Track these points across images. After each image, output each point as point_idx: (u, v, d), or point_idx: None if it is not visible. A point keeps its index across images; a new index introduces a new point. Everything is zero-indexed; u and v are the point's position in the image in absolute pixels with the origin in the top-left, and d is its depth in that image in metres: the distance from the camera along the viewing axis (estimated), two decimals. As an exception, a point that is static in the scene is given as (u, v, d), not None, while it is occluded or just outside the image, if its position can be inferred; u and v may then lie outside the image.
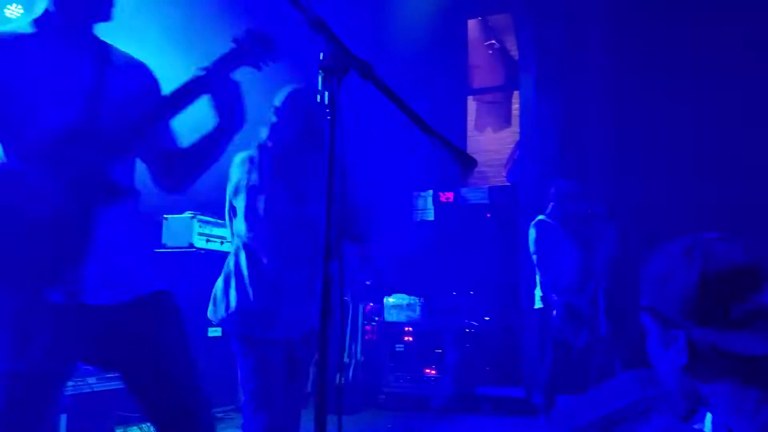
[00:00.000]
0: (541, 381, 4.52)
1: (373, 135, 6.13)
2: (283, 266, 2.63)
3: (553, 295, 4.43)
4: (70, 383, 3.85)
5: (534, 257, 4.57)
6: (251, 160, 2.64)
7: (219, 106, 1.90)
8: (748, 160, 4.98)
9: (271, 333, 2.61)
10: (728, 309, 1.01)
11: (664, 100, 5.35)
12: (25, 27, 1.85)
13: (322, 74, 1.27)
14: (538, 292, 4.62)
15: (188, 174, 1.99)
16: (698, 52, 5.20)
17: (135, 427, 4.24)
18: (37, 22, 1.85)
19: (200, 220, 5.43)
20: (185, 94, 1.82)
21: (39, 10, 1.86)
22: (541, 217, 4.68)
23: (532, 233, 4.61)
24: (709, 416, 1.15)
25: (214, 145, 1.95)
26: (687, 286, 1.04)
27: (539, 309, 4.62)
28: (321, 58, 1.26)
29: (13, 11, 5.49)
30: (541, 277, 4.56)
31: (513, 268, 6.01)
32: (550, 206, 4.69)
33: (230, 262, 2.71)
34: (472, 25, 7.69)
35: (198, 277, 5.29)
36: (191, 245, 5.30)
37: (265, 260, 2.62)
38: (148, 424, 4.37)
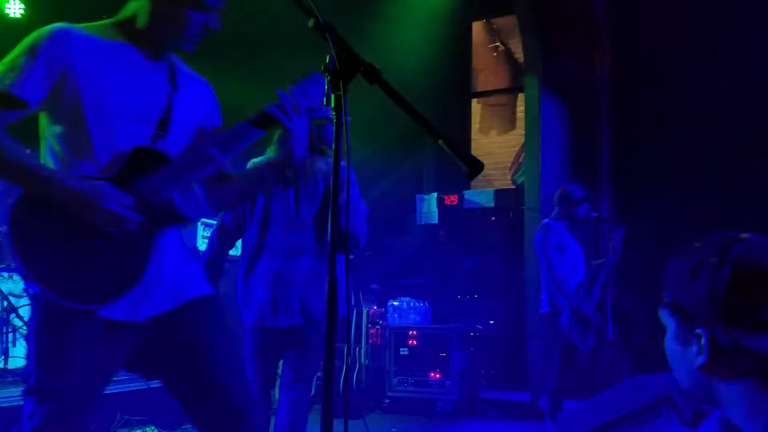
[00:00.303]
0: (547, 385, 4.50)
1: (378, 137, 6.12)
2: (289, 261, 2.89)
3: (560, 298, 4.40)
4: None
5: (540, 261, 4.55)
6: None
7: (284, 143, 1.93)
8: (757, 161, 4.95)
9: (274, 322, 2.88)
10: (759, 310, 0.99)
11: (669, 101, 5.33)
12: (105, 30, 1.82)
13: (329, 77, 1.26)
14: (544, 296, 4.60)
15: (238, 198, 2.08)
16: (704, 53, 5.18)
17: (138, 430, 4.23)
18: (119, 28, 1.82)
19: (204, 223, 5.43)
20: (248, 134, 1.84)
21: (124, 14, 1.83)
22: (546, 220, 4.67)
23: (537, 237, 4.59)
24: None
25: (270, 174, 2.07)
26: (718, 283, 1.01)
27: (545, 313, 4.60)
28: (327, 61, 1.26)
29: (14, 8, 5.52)
30: (546, 280, 4.54)
31: (518, 272, 5.99)
32: (555, 210, 4.67)
33: (243, 261, 2.99)
34: (477, 27, 7.68)
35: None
36: (195, 248, 5.30)
37: (275, 257, 2.88)
38: (152, 426, 4.38)
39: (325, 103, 1.28)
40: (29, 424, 1.68)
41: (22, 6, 5.55)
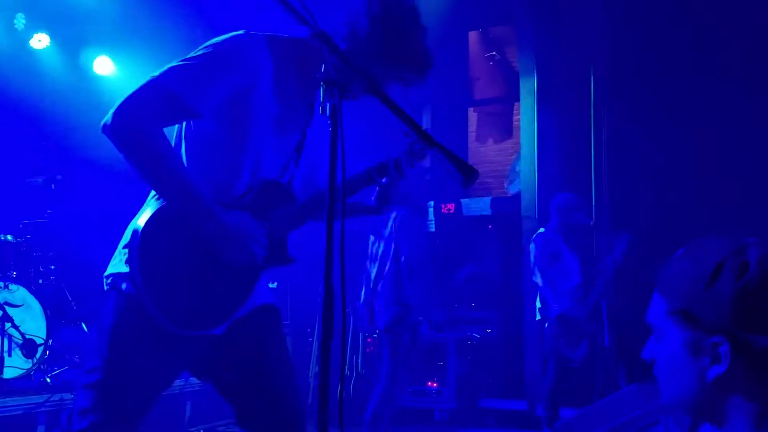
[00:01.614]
0: (543, 393, 4.49)
1: (374, 146, 6.12)
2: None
3: (550, 307, 4.41)
4: (69, 396, 3.84)
5: (535, 269, 4.56)
6: None
7: (383, 195, 1.96)
8: (751, 169, 4.95)
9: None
10: None
11: (665, 110, 5.35)
12: (290, 45, 1.73)
13: (324, 86, 1.26)
14: (538, 305, 4.61)
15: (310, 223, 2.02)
16: (698, 61, 5.20)
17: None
18: (305, 48, 1.72)
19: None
20: (364, 185, 1.87)
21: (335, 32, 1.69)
22: (541, 230, 4.68)
23: (532, 247, 4.60)
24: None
25: (350, 214, 2.01)
26: (746, 287, 0.95)
27: (539, 321, 4.61)
28: (323, 70, 1.26)
29: (41, 41, 5.54)
30: (540, 290, 4.54)
31: (515, 280, 5.98)
32: (551, 219, 4.68)
33: None
34: (473, 36, 7.71)
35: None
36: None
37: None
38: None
39: (321, 112, 1.28)
40: (84, 420, 1.63)
41: (48, 38, 5.58)
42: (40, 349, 4.32)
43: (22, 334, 4.25)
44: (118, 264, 1.71)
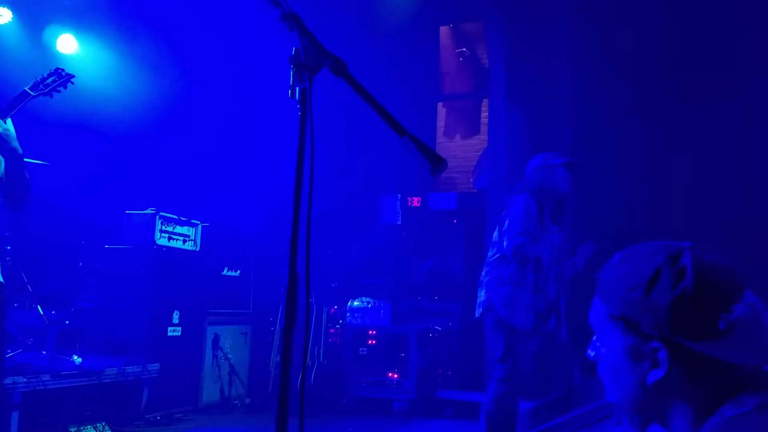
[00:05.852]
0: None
1: (343, 137, 6.12)
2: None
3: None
4: (23, 379, 3.76)
5: None
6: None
7: None
8: (717, 172, 5.04)
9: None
10: (717, 318, 0.97)
11: (634, 110, 5.43)
12: None
13: (294, 69, 1.25)
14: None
15: (12, 197, 2.53)
16: (665, 61, 5.29)
17: (89, 426, 4.14)
18: None
19: (162, 217, 5.33)
20: None
21: None
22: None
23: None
24: None
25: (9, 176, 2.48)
26: (682, 294, 0.97)
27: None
28: (293, 52, 1.25)
29: (3, 16, 5.39)
30: None
31: (478, 274, 6.04)
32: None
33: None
34: (444, 31, 7.74)
35: (159, 275, 5.20)
36: (153, 242, 5.21)
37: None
38: (103, 422, 4.29)
39: (290, 96, 1.27)
40: None
41: (11, 13, 5.48)
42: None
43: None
44: None
